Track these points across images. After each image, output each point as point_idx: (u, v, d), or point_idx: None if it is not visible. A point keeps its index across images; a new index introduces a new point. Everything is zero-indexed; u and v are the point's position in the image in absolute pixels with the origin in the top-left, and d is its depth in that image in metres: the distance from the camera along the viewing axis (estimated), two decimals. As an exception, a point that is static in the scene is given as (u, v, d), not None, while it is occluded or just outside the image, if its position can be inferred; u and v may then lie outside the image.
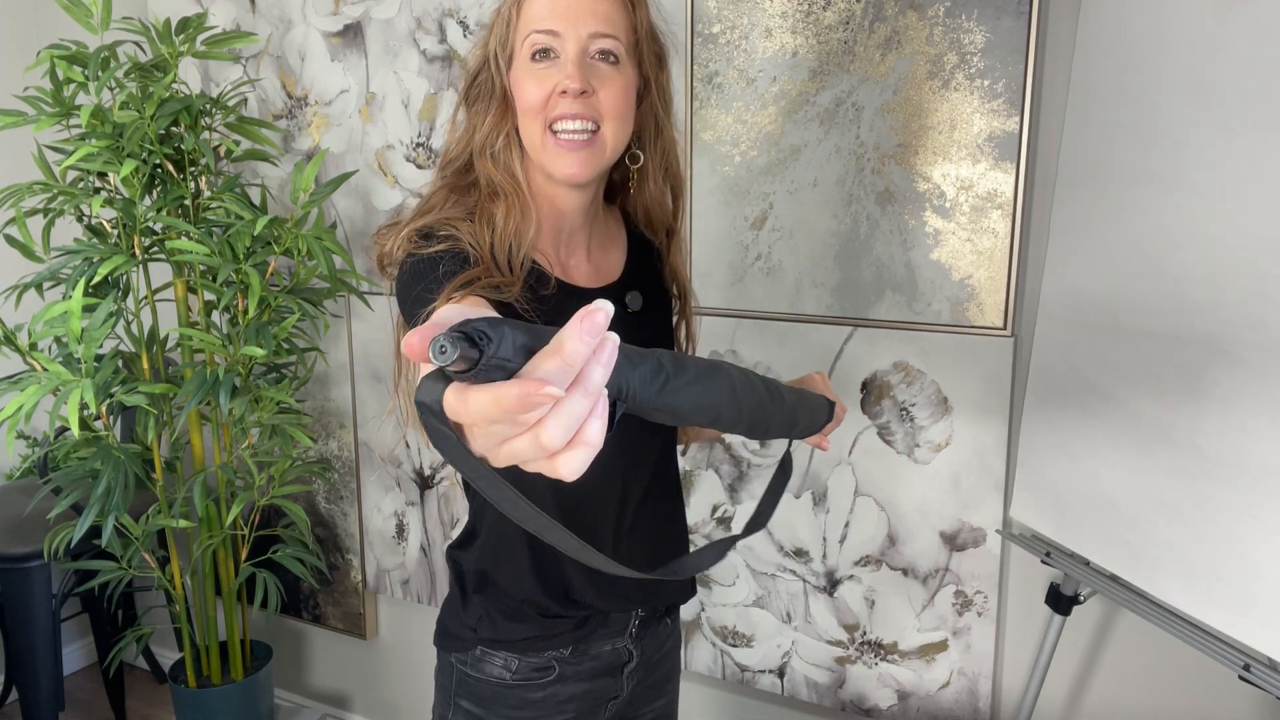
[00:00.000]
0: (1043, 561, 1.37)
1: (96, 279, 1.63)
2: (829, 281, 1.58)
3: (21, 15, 2.43)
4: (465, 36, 1.82)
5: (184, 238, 1.73)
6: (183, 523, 1.82)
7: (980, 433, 1.50)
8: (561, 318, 0.41)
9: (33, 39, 2.43)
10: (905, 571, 1.60)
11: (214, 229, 1.77)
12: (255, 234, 1.66)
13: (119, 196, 1.72)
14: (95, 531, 1.73)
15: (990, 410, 1.49)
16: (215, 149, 1.78)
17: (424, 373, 0.44)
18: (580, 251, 1.01)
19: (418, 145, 1.92)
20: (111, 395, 1.71)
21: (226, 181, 1.77)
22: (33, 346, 1.65)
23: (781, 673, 1.74)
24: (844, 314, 1.58)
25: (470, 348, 0.40)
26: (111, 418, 1.77)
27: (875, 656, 1.65)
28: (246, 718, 2.03)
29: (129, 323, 1.79)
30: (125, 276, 1.78)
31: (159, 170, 1.75)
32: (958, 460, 1.53)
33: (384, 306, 1.99)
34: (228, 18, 2.08)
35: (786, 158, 1.57)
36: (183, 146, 1.72)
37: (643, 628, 1.08)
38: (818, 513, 1.65)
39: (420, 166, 1.93)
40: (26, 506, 2.15)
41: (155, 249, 1.78)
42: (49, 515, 1.80)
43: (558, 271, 0.97)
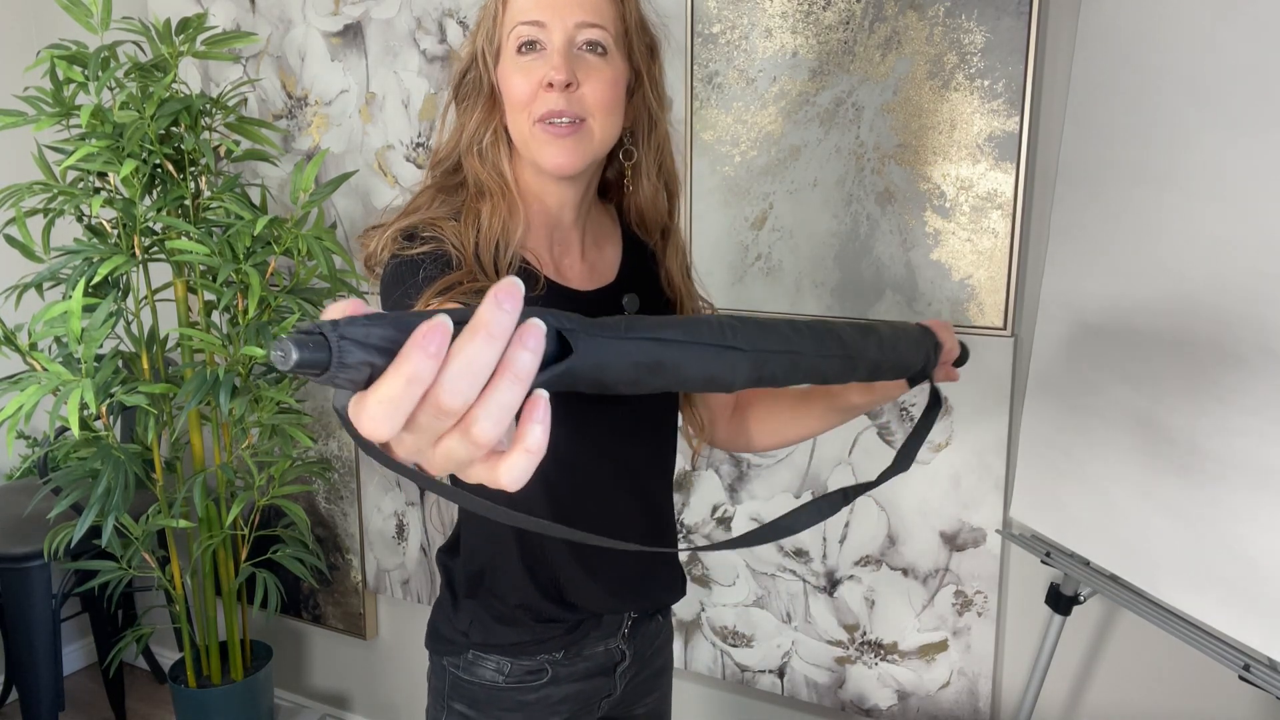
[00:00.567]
0: (1043, 561, 1.37)
1: (96, 279, 1.63)
2: (829, 281, 1.58)
3: (21, 15, 2.43)
4: (465, 36, 1.82)
5: (184, 238, 1.73)
6: (183, 523, 1.82)
7: (980, 433, 1.50)
8: None
9: (33, 39, 2.43)
10: (905, 571, 1.60)
11: (214, 229, 1.77)
12: (255, 234, 1.66)
13: (119, 196, 1.72)
14: (95, 531, 1.73)
15: (990, 410, 1.49)
16: (215, 149, 1.78)
17: None
18: (574, 251, 0.99)
19: (418, 145, 1.92)
20: (111, 395, 1.71)
21: (226, 181, 1.77)
22: (33, 346, 1.65)
23: (781, 673, 1.74)
24: (844, 314, 1.58)
25: (318, 350, 0.36)
26: (111, 418, 1.77)
27: (875, 656, 1.65)
28: (246, 718, 2.03)
29: (129, 323, 1.79)
30: (125, 276, 1.78)
31: (159, 170, 1.75)
32: (958, 460, 1.53)
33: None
34: (228, 18, 2.08)
35: (786, 158, 1.57)
36: (183, 146, 1.72)
37: (635, 627, 1.08)
38: (818, 513, 1.65)
39: (420, 166, 1.93)
40: (26, 506, 2.15)
41: (155, 249, 1.78)
42: (49, 515, 1.80)
43: (550, 272, 0.95)
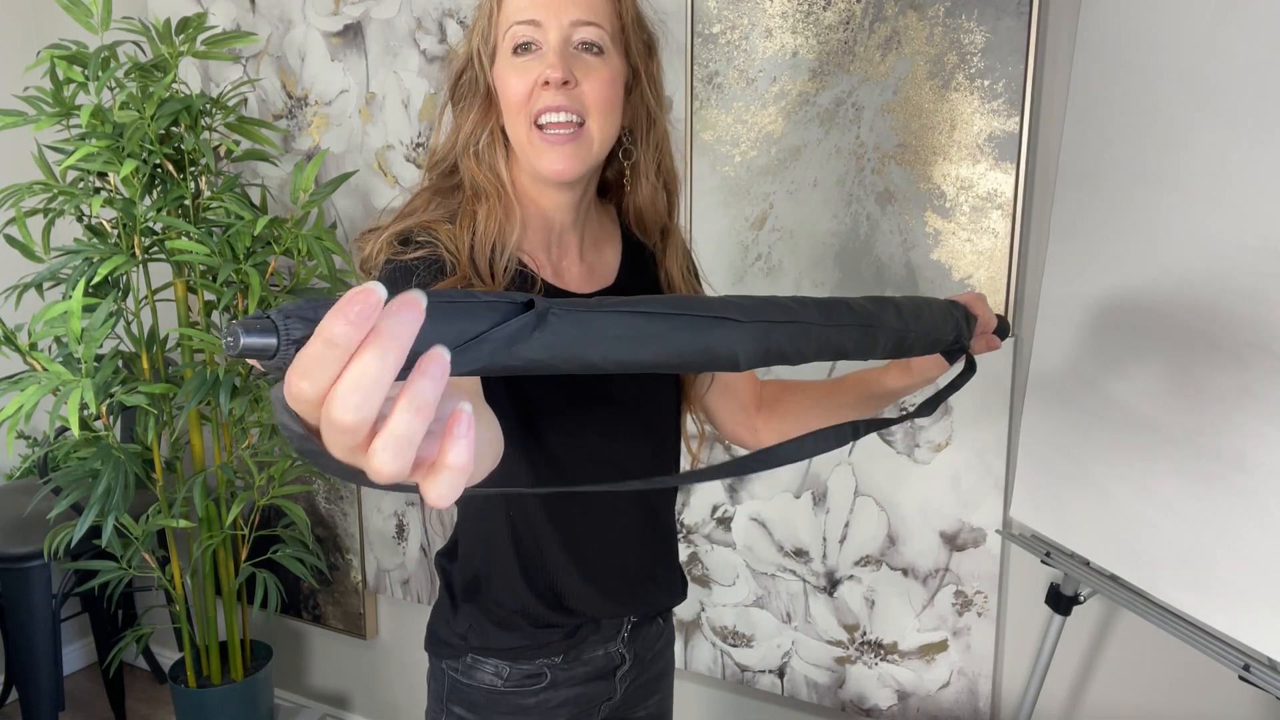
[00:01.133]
0: (1043, 561, 1.37)
1: (96, 279, 1.63)
2: (829, 281, 1.58)
3: (21, 15, 2.43)
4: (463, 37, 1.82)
5: (184, 238, 1.73)
6: (183, 523, 1.82)
7: (980, 433, 1.50)
8: None
9: (33, 39, 2.43)
10: (905, 571, 1.60)
11: (214, 229, 1.77)
12: (255, 234, 1.66)
13: (119, 196, 1.72)
14: (95, 531, 1.73)
15: (990, 410, 1.49)
16: (215, 149, 1.78)
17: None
18: (572, 253, 0.98)
19: (418, 145, 1.92)
20: (111, 395, 1.71)
21: (226, 181, 1.77)
22: (33, 346, 1.65)
23: (781, 673, 1.74)
24: (844, 314, 1.58)
25: (265, 334, 0.35)
26: (111, 418, 1.77)
27: (875, 656, 1.65)
28: (246, 718, 2.03)
29: (129, 323, 1.79)
30: (125, 276, 1.78)
31: (159, 170, 1.75)
32: (958, 460, 1.53)
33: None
34: (228, 18, 2.08)
35: (786, 158, 1.57)
36: (183, 146, 1.72)
37: (635, 630, 1.07)
38: (818, 513, 1.65)
39: (420, 166, 1.93)
40: (26, 506, 2.15)
41: (155, 249, 1.78)
42: (49, 515, 1.80)
43: (548, 274, 0.94)
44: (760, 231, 1.62)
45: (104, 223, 1.76)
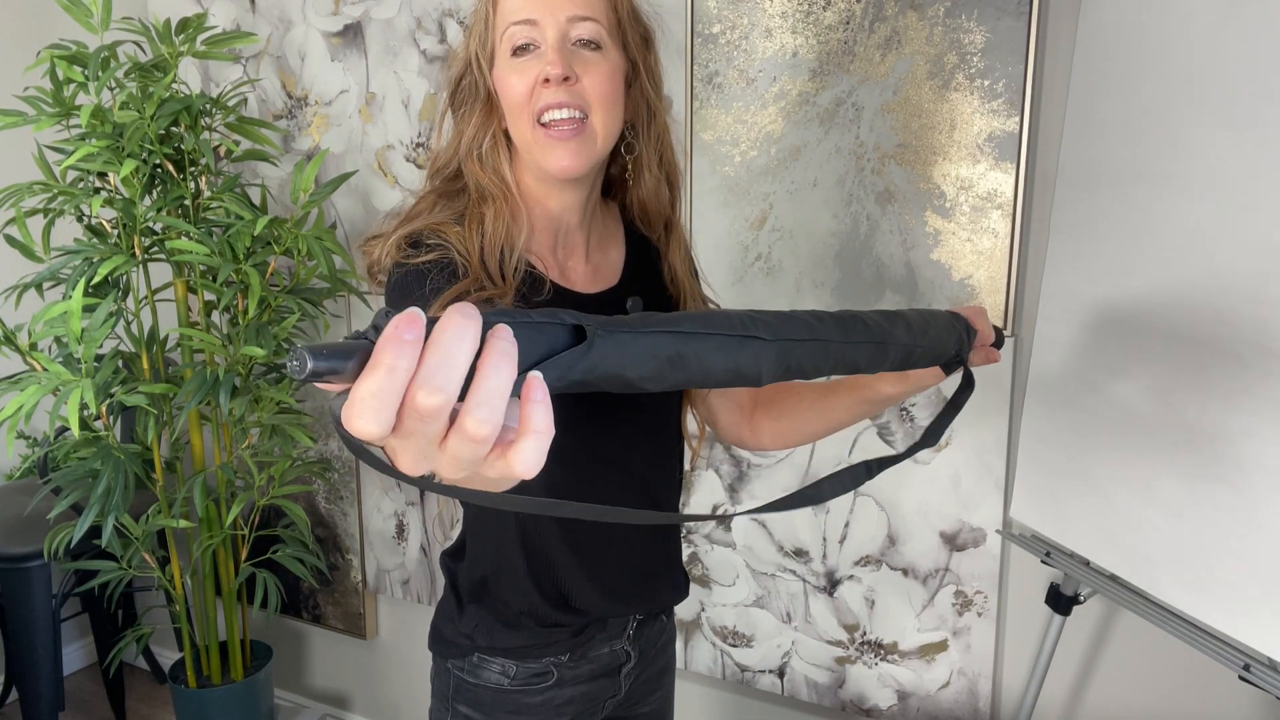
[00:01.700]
0: (1043, 561, 1.37)
1: (96, 279, 1.63)
2: (829, 281, 1.58)
3: (21, 15, 2.43)
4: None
5: (184, 238, 1.73)
6: (183, 523, 1.82)
7: (980, 433, 1.50)
8: None
9: (33, 39, 2.43)
10: (905, 571, 1.60)
11: (214, 229, 1.77)
12: (255, 234, 1.66)
13: (119, 196, 1.72)
14: (95, 531, 1.73)
15: (990, 410, 1.49)
16: (215, 149, 1.78)
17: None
18: (578, 253, 0.98)
19: (418, 145, 1.92)
20: (111, 395, 1.71)
21: (226, 181, 1.77)
22: (33, 346, 1.65)
23: (781, 673, 1.74)
24: (844, 314, 1.58)
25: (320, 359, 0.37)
26: (111, 418, 1.77)
27: (875, 656, 1.65)
28: (246, 718, 2.03)
29: (129, 323, 1.79)
30: (125, 276, 1.78)
31: (159, 170, 1.75)
32: (958, 460, 1.53)
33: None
34: (228, 18, 2.08)
35: (786, 158, 1.57)
36: (183, 146, 1.72)
37: (640, 628, 1.08)
38: (818, 513, 1.65)
39: (420, 166, 1.93)
40: (26, 506, 2.15)
41: (155, 249, 1.78)
42: (49, 515, 1.80)
43: (555, 275, 0.94)
44: (760, 231, 1.62)
45: (104, 223, 1.76)
